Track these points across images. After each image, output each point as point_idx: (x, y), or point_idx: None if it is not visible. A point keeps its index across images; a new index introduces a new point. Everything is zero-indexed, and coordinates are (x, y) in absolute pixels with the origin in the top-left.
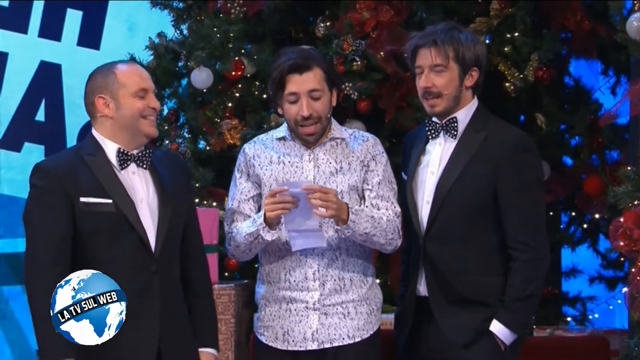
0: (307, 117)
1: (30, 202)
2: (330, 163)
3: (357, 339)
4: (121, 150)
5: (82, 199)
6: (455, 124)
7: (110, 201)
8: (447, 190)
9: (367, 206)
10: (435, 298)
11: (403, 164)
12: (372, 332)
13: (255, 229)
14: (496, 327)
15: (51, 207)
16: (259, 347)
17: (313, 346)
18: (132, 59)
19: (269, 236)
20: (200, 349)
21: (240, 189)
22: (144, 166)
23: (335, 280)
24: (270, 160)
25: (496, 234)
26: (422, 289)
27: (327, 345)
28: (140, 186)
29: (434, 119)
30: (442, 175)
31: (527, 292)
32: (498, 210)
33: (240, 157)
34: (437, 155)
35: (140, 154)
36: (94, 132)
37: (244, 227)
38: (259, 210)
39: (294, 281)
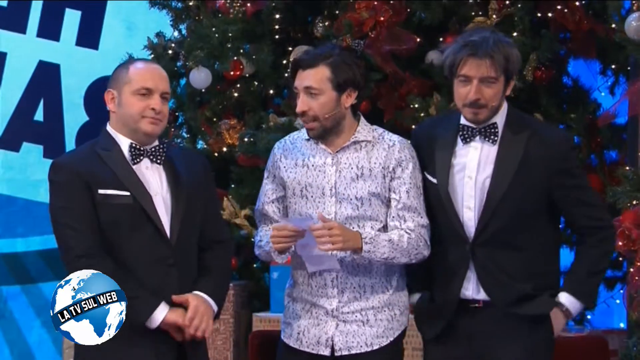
0: (301, 113)
1: (53, 198)
2: (352, 168)
3: (376, 347)
4: (133, 146)
5: (101, 191)
6: (496, 129)
7: (128, 193)
8: (499, 197)
9: (393, 217)
10: (493, 302)
11: (420, 164)
12: (392, 339)
13: (268, 249)
14: (566, 299)
15: (75, 199)
16: (280, 343)
17: (325, 352)
18: (129, 60)
19: (279, 259)
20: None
21: (265, 191)
22: (158, 161)
23: (354, 287)
24: (295, 162)
25: (546, 234)
26: (470, 293)
27: (345, 353)
28: (153, 181)
29: (466, 122)
30: (491, 183)
31: (601, 266)
32: (552, 211)
33: (270, 156)
34: (473, 159)
35: (153, 150)
36: (108, 126)
37: (263, 239)
38: (285, 210)
39: (315, 286)
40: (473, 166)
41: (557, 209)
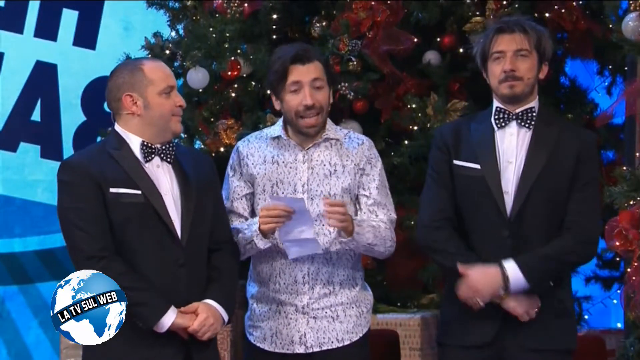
0: (310, 105)
1: (62, 198)
2: (324, 165)
3: (347, 342)
4: (145, 144)
5: (112, 190)
6: (533, 113)
7: (139, 192)
8: (532, 181)
9: (364, 212)
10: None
11: (443, 153)
12: (361, 335)
13: (249, 235)
14: (510, 267)
15: (85, 199)
16: (248, 346)
17: (300, 350)
18: (133, 60)
19: (262, 244)
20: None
21: (233, 188)
22: (168, 160)
23: (324, 284)
24: (264, 159)
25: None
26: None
27: (316, 349)
28: (164, 179)
29: (499, 104)
30: (525, 167)
31: (563, 258)
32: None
33: (233, 155)
34: (511, 144)
35: (164, 148)
36: (117, 127)
37: (239, 230)
38: (251, 208)
39: (284, 284)
40: (512, 151)
41: None
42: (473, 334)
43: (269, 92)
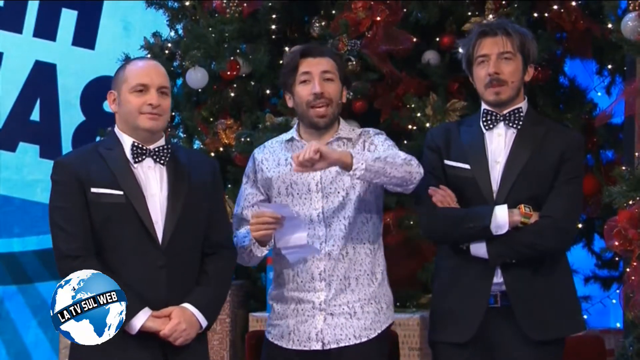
0: (319, 94)
1: (51, 197)
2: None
3: (364, 339)
4: (135, 145)
5: (93, 190)
6: (520, 114)
7: (121, 193)
8: (514, 178)
9: None
10: (516, 292)
11: (434, 152)
12: (379, 332)
13: (247, 243)
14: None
15: (68, 199)
16: (266, 345)
17: (317, 346)
18: (128, 59)
19: (258, 252)
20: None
21: (245, 195)
22: (161, 162)
23: (341, 280)
24: (277, 162)
25: None
26: (496, 279)
27: (333, 346)
28: (154, 181)
29: (486, 107)
30: (506, 164)
31: (533, 242)
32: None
33: (249, 162)
34: (499, 145)
35: (157, 150)
36: (115, 127)
37: (240, 238)
38: None
39: (301, 282)
40: (499, 151)
41: None
42: (458, 331)
43: (281, 90)
